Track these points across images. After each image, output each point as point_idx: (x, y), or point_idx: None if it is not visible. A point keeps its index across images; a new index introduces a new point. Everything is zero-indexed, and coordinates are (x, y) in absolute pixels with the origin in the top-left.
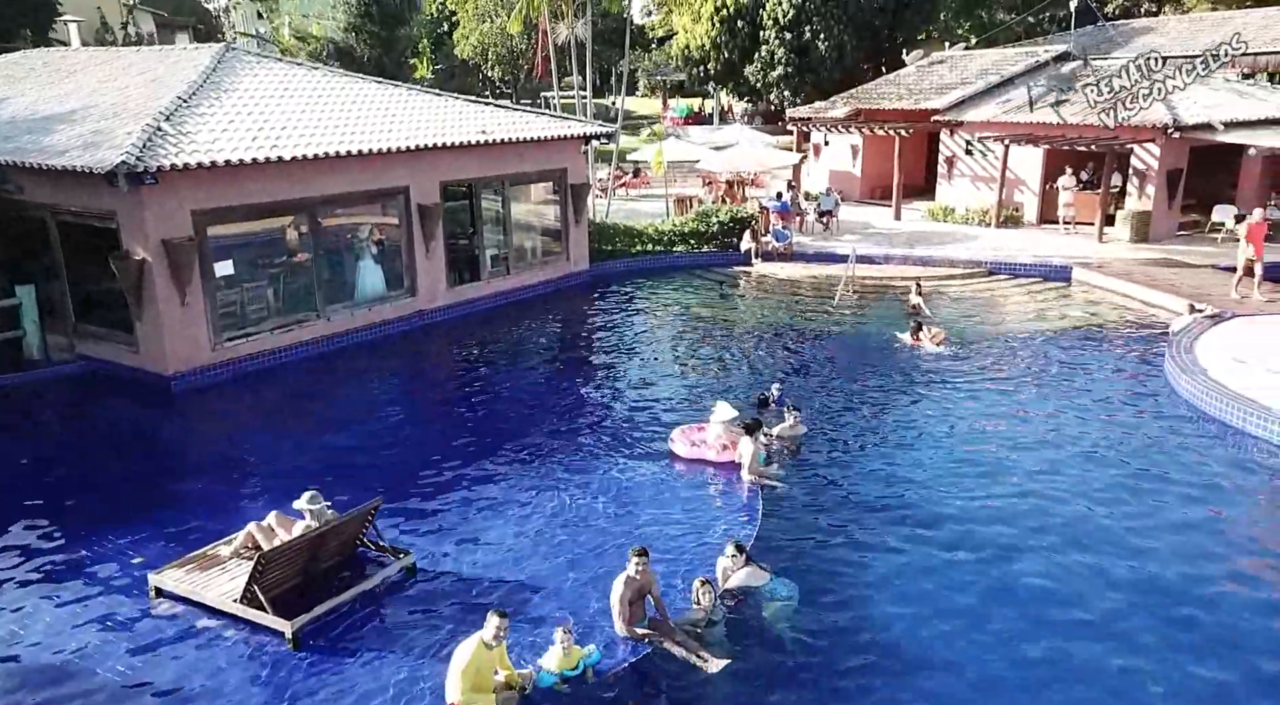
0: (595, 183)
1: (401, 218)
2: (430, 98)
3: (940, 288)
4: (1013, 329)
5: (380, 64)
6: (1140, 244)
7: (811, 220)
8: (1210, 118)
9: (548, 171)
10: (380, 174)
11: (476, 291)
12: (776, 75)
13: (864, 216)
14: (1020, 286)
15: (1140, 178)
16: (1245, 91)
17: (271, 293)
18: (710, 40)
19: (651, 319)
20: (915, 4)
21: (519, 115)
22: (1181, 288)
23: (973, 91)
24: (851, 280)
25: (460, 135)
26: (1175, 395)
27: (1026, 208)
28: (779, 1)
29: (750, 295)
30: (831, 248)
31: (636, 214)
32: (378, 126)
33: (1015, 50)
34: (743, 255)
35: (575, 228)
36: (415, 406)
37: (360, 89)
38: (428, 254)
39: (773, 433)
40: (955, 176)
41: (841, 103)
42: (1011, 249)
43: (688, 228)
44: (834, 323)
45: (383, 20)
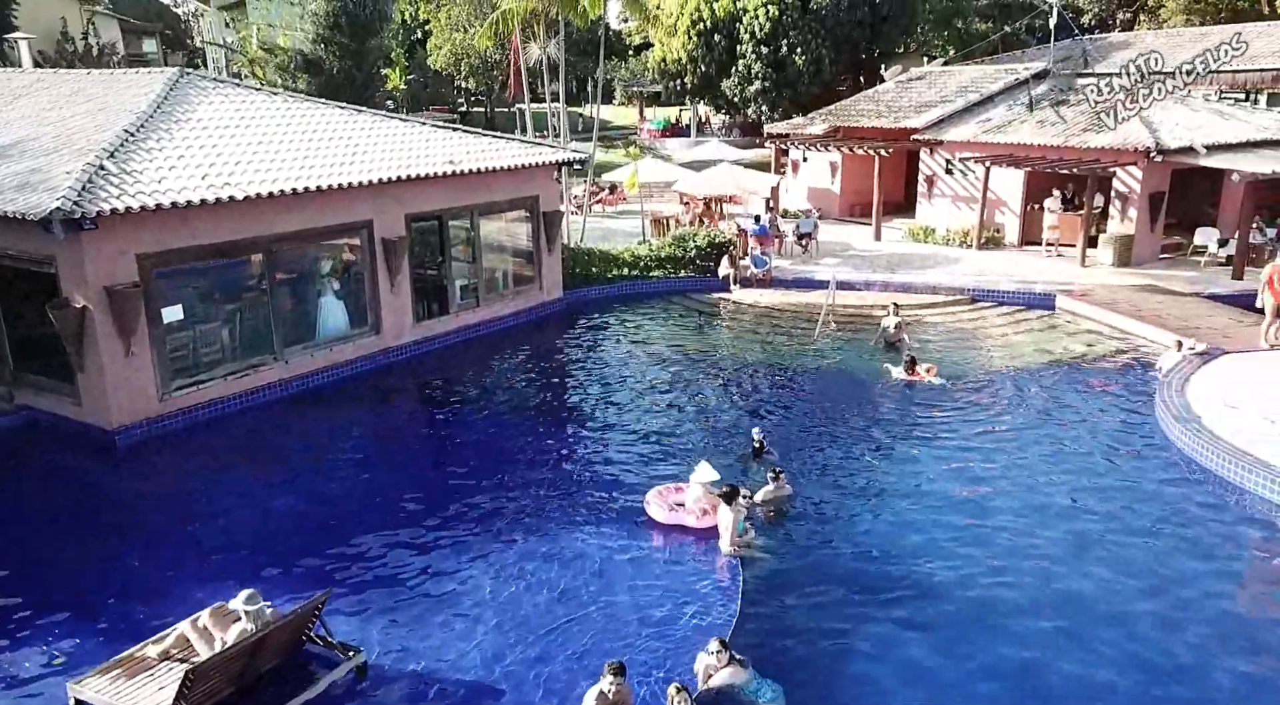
0: (571, 200)
1: (365, 253)
2: (396, 125)
3: (922, 317)
4: (998, 364)
5: (350, 76)
6: (1123, 268)
7: (791, 242)
8: (1192, 141)
9: (519, 200)
10: (342, 208)
11: (444, 326)
12: (754, 90)
13: (844, 236)
14: (1004, 315)
15: (1122, 201)
16: (1227, 112)
17: (226, 335)
18: (687, 54)
19: (626, 354)
20: (893, 17)
21: (488, 142)
22: (1168, 319)
23: (952, 110)
24: (831, 309)
25: (426, 166)
26: (1170, 445)
27: (1008, 229)
28: (756, 15)
29: (729, 326)
30: (811, 272)
31: (612, 233)
32: (340, 158)
33: (994, 68)
34: (721, 281)
35: (548, 256)
36: (375, 461)
37: (322, 116)
38: (393, 289)
39: (755, 497)
40: (935, 196)
41: (820, 119)
42: (994, 273)
43: (664, 253)
44: (816, 357)
45: (352, 32)
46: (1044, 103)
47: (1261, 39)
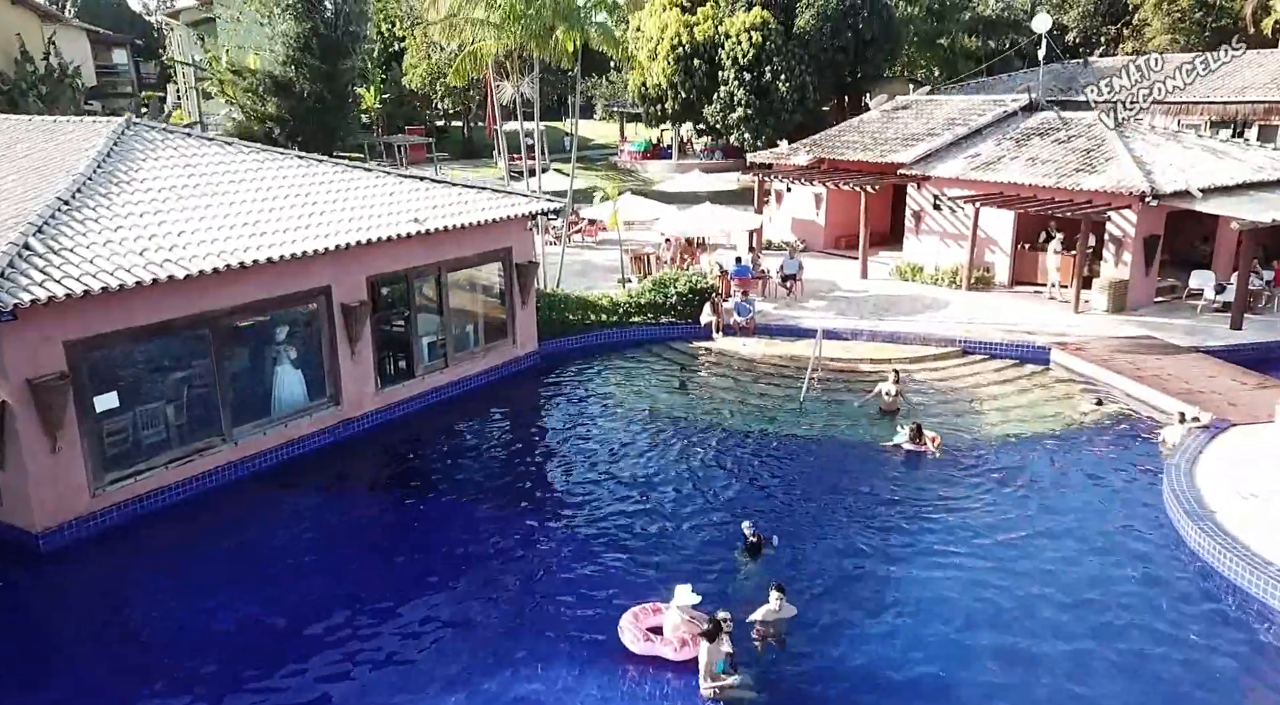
0: (548, 230)
1: (323, 320)
2: (358, 176)
3: (913, 372)
4: (997, 432)
5: (321, 98)
6: (1118, 314)
7: (775, 283)
8: (1188, 184)
9: (490, 253)
10: (298, 275)
11: (410, 390)
12: (736, 117)
13: (829, 273)
14: (997, 371)
15: (1116, 244)
16: (1220, 150)
17: (168, 418)
18: (667, 79)
19: (603, 420)
20: (877, 42)
21: (457, 193)
22: (1169, 381)
23: (940, 144)
24: (819, 363)
25: (390, 226)
26: (1182, 545)
27: (998, 268)
28: (738, 41)
29: (713, 384)
30: (796, 319)
31: (591, 267)
32: (296, 219)
33: (981, 99)
34: (703, 328)
35: (522, 309)
36: (324, 560)
37: (278, 170)
38: (353, 357)
39: (754, 616)
40: (923, 232)
41: (804, 149)
42: (985, 319)
43: (644, 299)
44: (805, 422)
45: (323, 54)
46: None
47: (1250, 69)
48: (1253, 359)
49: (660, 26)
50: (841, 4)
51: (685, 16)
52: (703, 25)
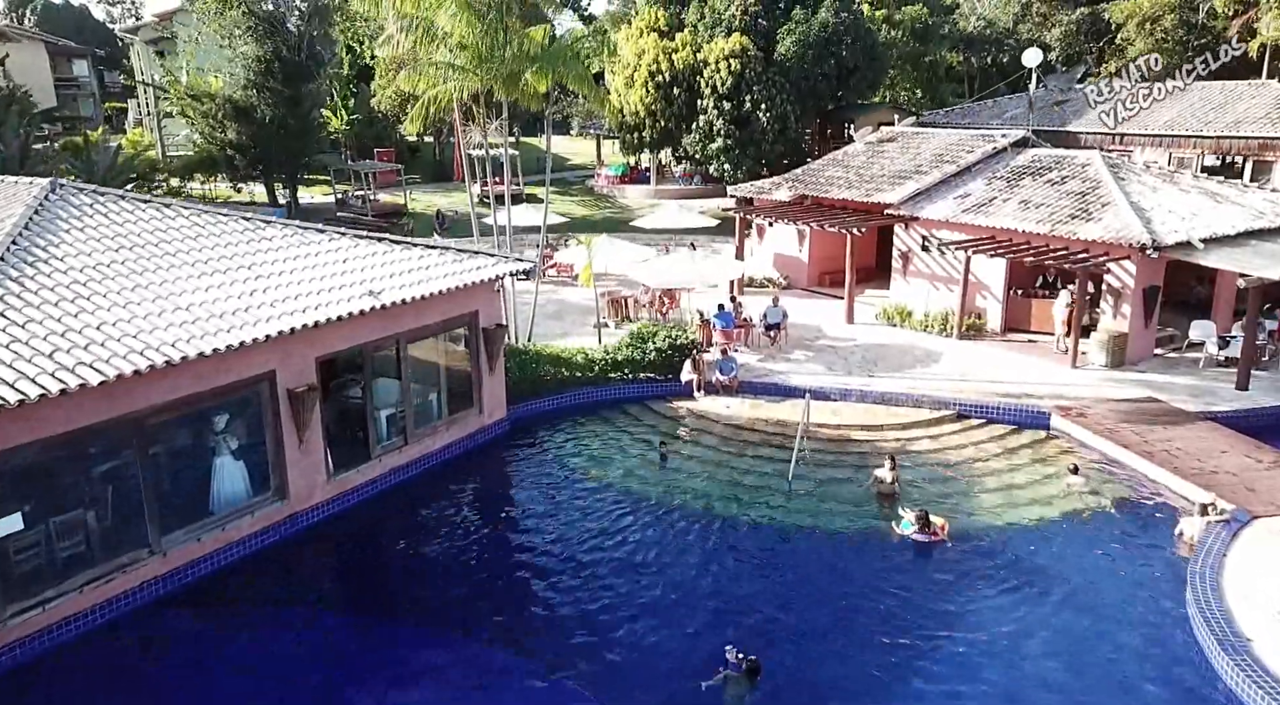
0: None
1: (266, 407)
2: (309, 239)
3: (907, 443)
4: (1002, 519)
5: (284, 124)
6: (1117, 369)
7: (758, 333)
8: (1189, 235)
9: (454, 319)
10: (237, 364)
11: (365, 475)
12: (716, 147)
13: (813, 315)
14: (996, 440)
15: (1115, 296)
16: (1218, 193)
17: (84, 533)
18: (645, 107)
19: (572, 505)
20: (861, 70)
21: (418, 256)
22: (1179, 457)
23: (928, 183)
24: (807, 431)
25: (342, 303)
26: (1216, 678)
27: (990, 314)
28: (717, 68)
29: (693, 456)
30: (783, 375)
31: (567, 308)
32: (237, 297)
33: (970, 134)
34: (684, 386)
35: (489, 376)
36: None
37: (219, 238)
38: (301, 445)
39: None
40: (911, 274)
41: (786, 185)
42: (979, 374)
43: (621, 355)
44: (800, 506)
45: (286, 78)
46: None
47: (1243, 101)
48: (1264, 426)
49: (637, 52)
50: (824, 31)
51: (663, 42)
52: (681, 52)
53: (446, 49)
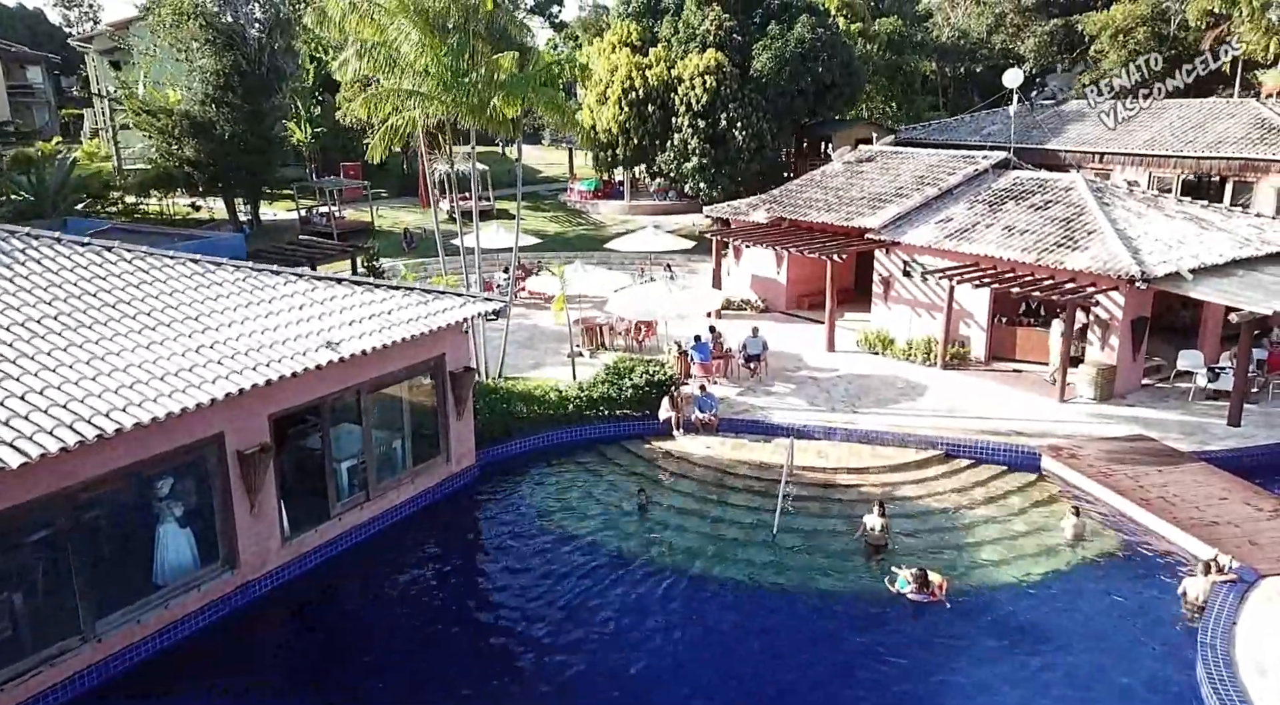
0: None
1: (214, 471)
2: (261, 285)
3: (895, 487)
4: (999, 575)
5: (244, 141)
6: (1105, 402)
7: (738, 365)
8: (1179, 266)
9: (419, 365)
10: (181, 427)
11: (324, 535)
12: (691, 166)
13: (793, 342)
14: (986, 483)
15: (1103, 327)
16: (1203, 218)
17: (4, 617)
18: (618, 125)
19: (543, 562)
20: (838, 86)
21: (381, 299)
22: (1177, 505)
23: (910, 206)
24: (791, 476)
25: (297, 358)
26: None
27: (974, 343)
28: (692, 86)
29: (672, 506)
30: (764, 411)
31: (540, 335)
32: (182, 353)
33: (950, 155)
34: (662, 424)
35: (458, 421)
36: None
37: (165, 284)
38: (253, 510)
39: None
40: (892, 299)
41: (763, 206)
42: (966, 409)
43: (597, 392)
44: (783, 563)
45: (246, 92)
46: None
47: (1222, 121)
48: (1259, 466)
49: (610, 68)
50: (800, 47)
51: (636, 58)
52: (655, 68)
53: (409, 75)
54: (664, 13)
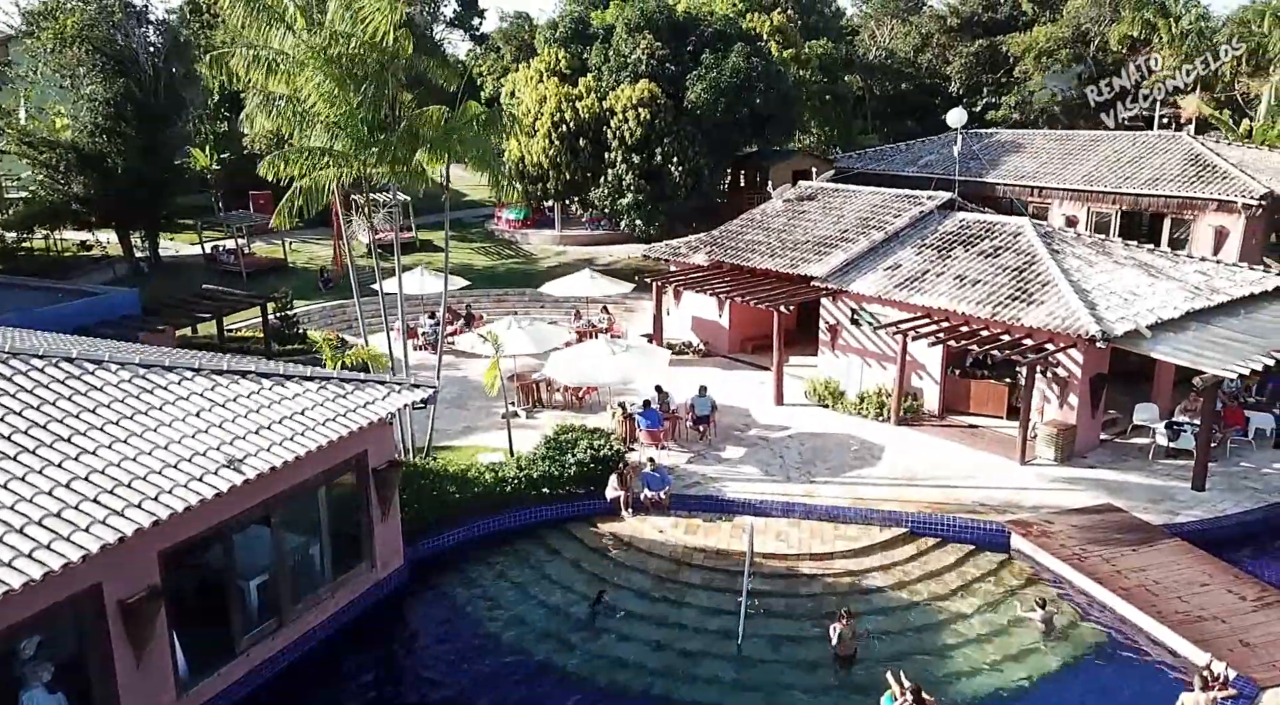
0: (415, 333)
1: (91, 626)
2: (149, 385)
3: (861, 578)
4: (981, 684)
5: (139, 175)
6: (1066, 464)
7: (686, 425)
8: (1136, 323)
9: (338, 466)
10: (45, 585)
11: (229, 677)
12: (626, 203)
13: (740, 393)
14: (954, 566)
15: (1061, 385)
16: (1153, 265)
17: None
18: (548, 159)
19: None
20: (776, 118)
21: (292, 394)
22: (1159, 596)
23: (856, 253)
24: (752, 563)
25: (193, 486)
26: None
27: (927, 395)
28: (624, 118)
29: (624, 607)
30: (717, 484)
31: (470, 389)
32: (48, 489)
33: (894, 194)
34: (609, 503)
35: (382, 523)
36: None
37: (29, 391)
38: (140, 665)
39: None
40: (840, 347)
41: (704, 249)
42: (925, 473)
43: (538, 471)
44: (748, 680)
45: (141, 123)
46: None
47: (1156, 156)
48: (1230, 538)
49: (538, 99)
50: (735, 77)
51: (566, 88)
52: (586, 99)
53: (321, 132)
54: (593, 39)
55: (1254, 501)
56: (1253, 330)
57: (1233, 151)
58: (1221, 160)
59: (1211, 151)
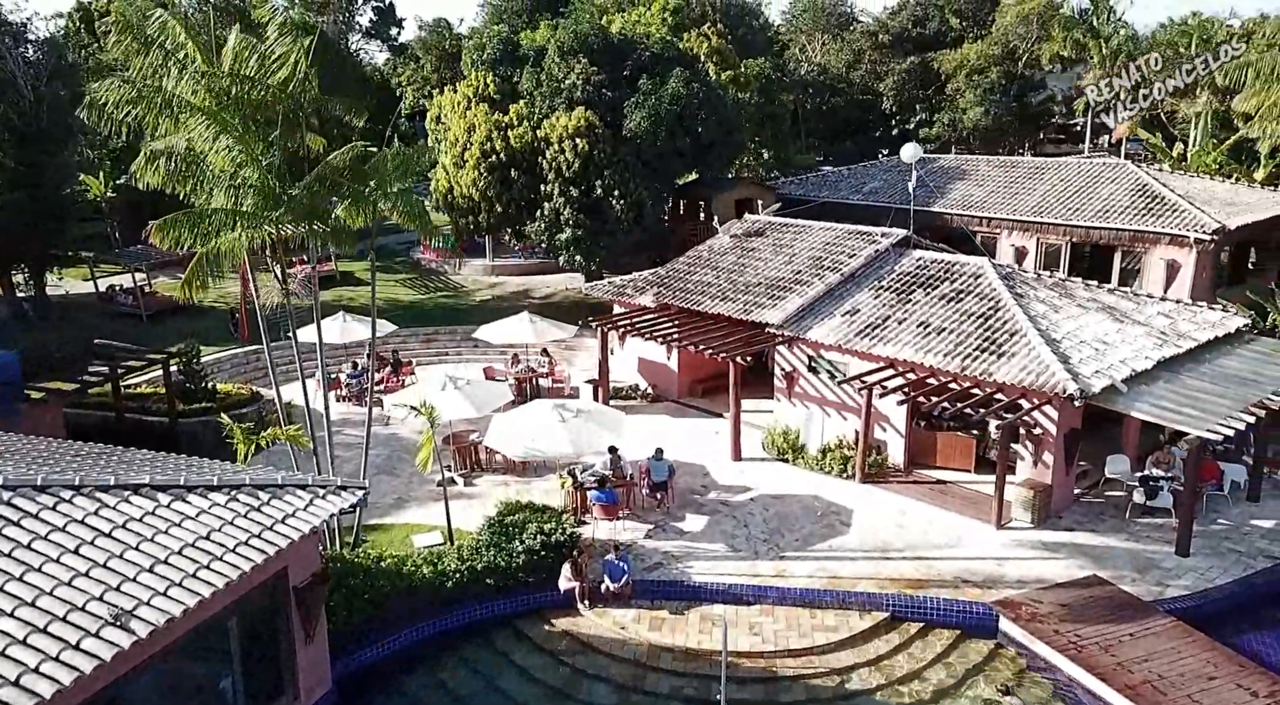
0: (338, 385)
1: None
2: (18, 517)
3: (845, 673)
4: None
5: (21, 209)
6: (1044, 527)
7: (642, 493)
8: (1111, 377)
9: (253, 591)
10: None
11: None
12: (565, 238)
13: (694, 447)
14: (941, 655)
15: (1035, 443)
16: (1115, 308)
17: None
18: (479, 191)
19: None
20: (717, 146)
21: (195, 512)
22: (1167, 693)
23: (812, 297)
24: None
25: (66, 662)
26: None
27: (891, 448)
28: (561, 149)
29: None
30: (680, 565)
31: (401, 451)
32: None
33: (847, 230)
34: (563, 595)
35: (306, 646)
36: None
37: None
38: None
39: None
40: (797, 395)
41: (651, 290)
42: (897, 541)
43: (482, 562)
44: None
45: (21, 153)
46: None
47: (1104, 185)
48: (1224, 613)
49: (467, 127)
50: (675, 103)
51: (496, 115)
52: (518, 128)
53: (223, 189)
54: (523, 62)
55: (1241, 567)
56: (1225, 379)
57: (1178, 181)
58: (1168, 191)
59: (1157, 181)
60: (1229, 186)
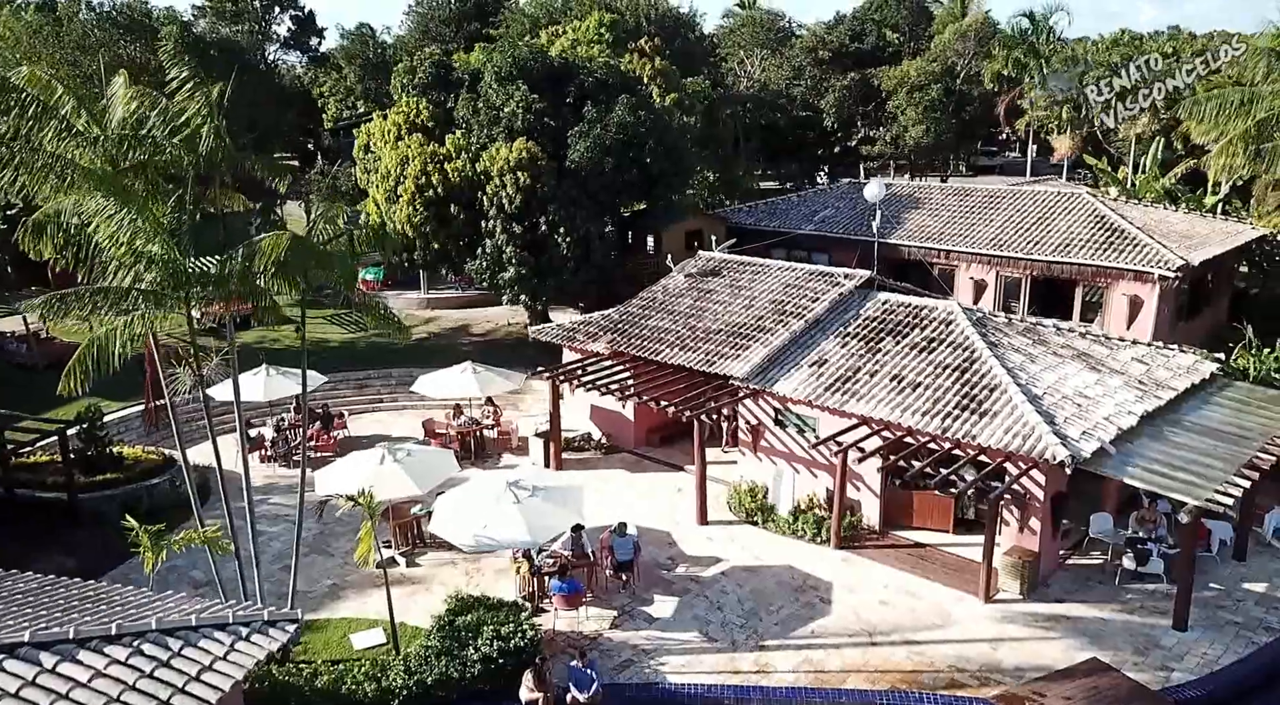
0: (263, 445)
1: None
2: None
3: None
4: None
5: None
6: (1032, 599)
7: (605, 575)
8: (1100, 439)
9: None
10: None
11: None
12: (509, 277)
13: (656, 508)
14: None
15: (1021, 508)
16: (1090, 355)
17: None
18: (414, 228)
19: None
20: (665, 177)
21: (87, 677)
22: None
23: (777, 346)
24: None
25: None
26: None
27: (865, 508)
28: (502, 183)
29: None
30: (652, 661)
31: (333, 529)
32: None
33: (807, 271)
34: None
35: None
36: None
37: None
38: None
39: None
40: (763, 449)
41: (604, 336)
42: (882, 622)
43: (432, 675)
44: None
45: None
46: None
47: (1061, 217)
48: (1231, 699)
49: (399, 159)
50: (621, 133)
51: (431, 146)
52: (455, 161)
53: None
54: (457, 86)
55: (1242, 644)
56: (1211, 433)
57: (1134, 212)
58: (1126, 223)
59: (1115, 212)
60: (1183, 216)
